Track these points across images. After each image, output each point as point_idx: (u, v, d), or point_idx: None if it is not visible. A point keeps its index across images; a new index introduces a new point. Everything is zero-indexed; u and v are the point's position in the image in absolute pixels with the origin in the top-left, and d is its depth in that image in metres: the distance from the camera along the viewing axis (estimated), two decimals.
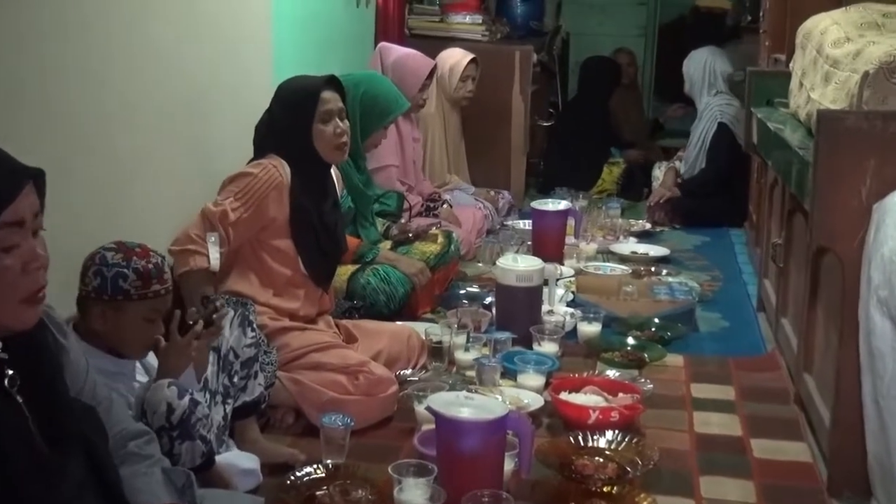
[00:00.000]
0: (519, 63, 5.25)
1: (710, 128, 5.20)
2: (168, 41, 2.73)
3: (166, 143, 2.76)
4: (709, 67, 5.30)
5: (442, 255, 3.65)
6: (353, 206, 3.54)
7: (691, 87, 5.38)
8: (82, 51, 2.31)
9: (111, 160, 2.47)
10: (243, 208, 2.64)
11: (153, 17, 2.64)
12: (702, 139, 5.26)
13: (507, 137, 5.31)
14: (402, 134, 4.28)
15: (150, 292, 2.04)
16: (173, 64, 2.76)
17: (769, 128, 3.24)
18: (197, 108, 2.94)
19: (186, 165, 2.89)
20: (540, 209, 4.20)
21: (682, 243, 4.79)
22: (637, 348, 3.18)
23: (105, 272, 2.02)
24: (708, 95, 5.30)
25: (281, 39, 3.56)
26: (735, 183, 5.05)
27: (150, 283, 2.04)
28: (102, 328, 2.02)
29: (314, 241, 2.75)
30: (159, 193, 2.72)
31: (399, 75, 4.10)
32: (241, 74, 3.25)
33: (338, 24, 4.28)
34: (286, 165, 2.70)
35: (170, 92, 2.76)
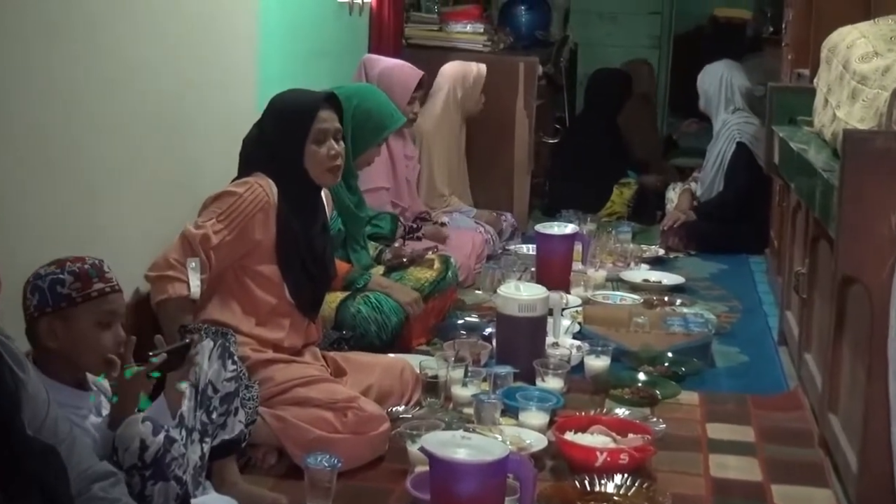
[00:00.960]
0: (523, 75, 5.27)
1: (728, 148, 5.22)
2: (144, 48, 2.73)
3: (141, 160, 2.76)
4: (726, 82, 5.32)
5: (438, 281, 3.65)
6: (344, 229, 3.55)
7: (707, 104, 5.40)
8: (46, 57, 2.30)
9: (78, 179, 2.47)
10: (227, 231, 2.64)
11: (127, 22, 2.64)
12: (719, 159, 5.27)
13: (509, 155, 5.32)
14: (394, 152, 4.30)
15: (94, 291, 2.03)
16: (149, 73, 2.77)
17: (792, 148, 3.25)
18: (175, 121, 2.95)
19: (164, 184, 2.90)
20: (545, 233, 4.20)
21: (698, 271, 4.79)
22: (649, 385, 3.18)
23: (41, 284, 2.02)
24: (725, 112, 5.31)
25: (267, 49, 3.58)
26: (755, 207, 5.06)
27: (90, 283, 2.03)
28: (56, 345, 2.02)
29: (301, 267, 2.75)
30: (133, 215, 2.72)
31: (386, 88, 4.12)
32: (223, 86, 3.26)
33: (329, 33, 4.30)
34: (273, 185, 2.70)
35: (145, 104, 2.76)
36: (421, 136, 4.71)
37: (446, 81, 4.86)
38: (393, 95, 4.04)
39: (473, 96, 4.90)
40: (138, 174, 2.75)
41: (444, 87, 4.85)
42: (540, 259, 4.19)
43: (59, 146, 2.38)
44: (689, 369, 3.38)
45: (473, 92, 4.90)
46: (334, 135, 2.76)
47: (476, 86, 4.89)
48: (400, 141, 4.38)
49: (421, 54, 5.04)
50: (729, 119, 5.29)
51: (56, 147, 2.37)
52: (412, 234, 4.16)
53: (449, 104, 4.84)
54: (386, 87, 4.12)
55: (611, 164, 5.90)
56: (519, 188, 5.38)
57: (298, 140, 2.71)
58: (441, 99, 4.83)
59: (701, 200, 5.36)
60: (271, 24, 3.62)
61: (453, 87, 4.86)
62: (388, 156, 4.26)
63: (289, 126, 2.71)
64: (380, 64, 4.32)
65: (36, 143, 2.29)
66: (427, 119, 4.71)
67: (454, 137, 4.94)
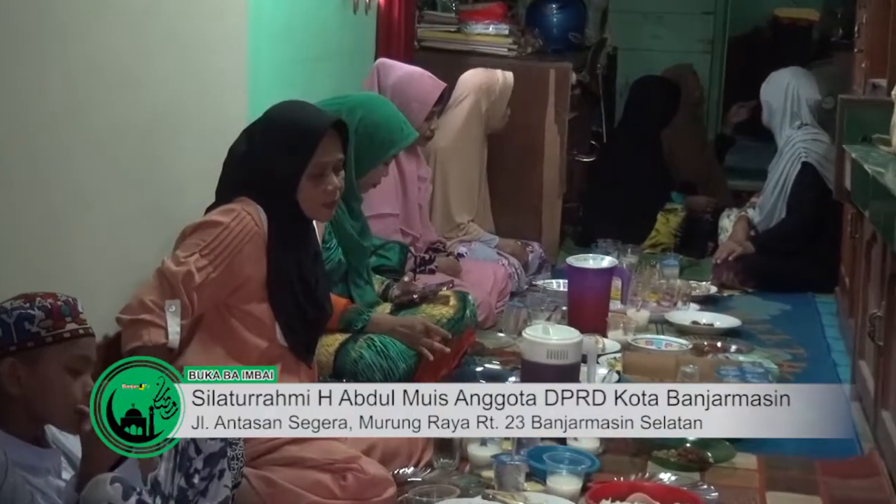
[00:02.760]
0: (554, 84, 5.29)
1: (793, 169, 5.20)
2: (118, 57, 2.75)
3: (113, 183, 2.78)
4: (792, 93, 5.30)
5: (455, 321, 3.64)
6: (345, 260, 3.55)
7: (770, 118, 5.40)
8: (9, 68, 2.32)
9: (41, 203, 2.48)
10: (211, 267, 2.65)
11: (102, 29, 2.66)
12: (782, 182, 5.26)
13: (538, 176, 5.33)
14: (405, 173, 4.31)
15: (67, 332, 2.04)
16: (124, 85, 2.79)
17: (866, 170, 3.24)
18: (153, 138, 2.96)
19: (140, 210, 2.91)
20: (578, 267, 4.19)
21: (757, 312, 4.77)
22: (698, 445, 3.16)
23: (6, 319, 2.03)
24: (790, 128, 5.30)
25: (258, 53, 3.60)
26: (823, 238, 5.04)
27: (63, 321, 2.04)
28: (18, 391, 2.02)
29: (295, 305, 2.76)
30: (104, 246, 2.74)
31: (402, 100, 4.14)
32: (208, 98, 3.28)
33: (329, 34, 4.33)
34: (262, 212, 2.72)
35: (118, 119, 2.78)
36: (436, 154, 4.73)
37: (468, 92, 4.88)
38: (409, 109, 4.06)
39: (499, 110, 4.92)
40: (111, 198, 2.77)
41: (466, 98, 4.87)
42: (572, 297, 4.18)
43: (21, 166, 2.39)
44: None
45: (499, 105, 4.91)
46: (335, 166, 2.78)
47: (503, 97, 4.91)
48: (412, 160, 4.39)
49: (435, 59, 5.07)
50: (794, 136, 5.26)
51: (17, 167, 2.38)
52: (424, 267, 4.17)
53: (471, 119, 4.86)
54: (402, 99, 4.14)
55: (655, 187, 5.90)
56: (548, 214, 5.39)
57: (294, 172, 2.72)
58: (462, 112, 4.85)
59: (760, 230, 5.34)
60: (263, 25, 3.64)
61: (476, 100, 4.87)
62: (398, 177, 4.27)
63: (285, 153, 2.72)
64: (396, 71, 4.33)
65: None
66: (444, 135, 4.72)
67: (475, 157, 4.95)
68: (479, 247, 4.72)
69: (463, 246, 4.67)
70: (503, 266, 4.63)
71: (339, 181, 2.78)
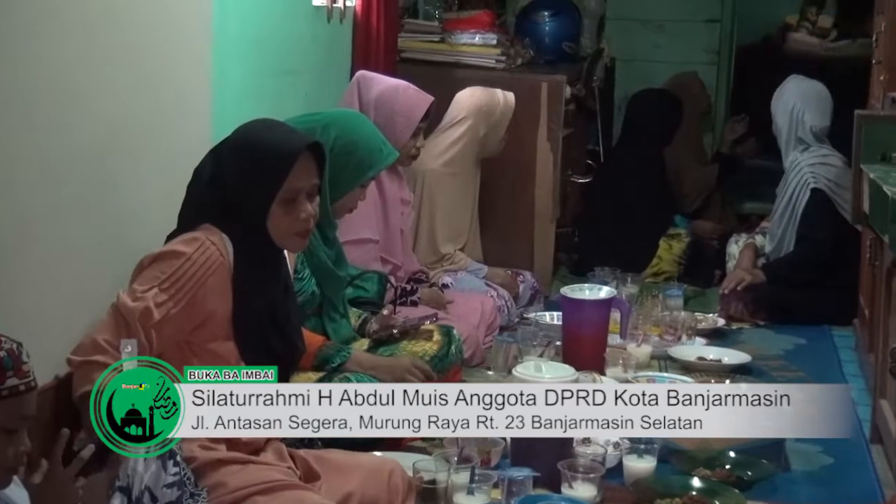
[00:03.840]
0: (546, 98, 5.31)
1: (802, 195, 5.19)
2: (67, 64, 2.74)
3: (62, 208, 2.76)
4: (796, 115, 5.25)
5: (439, 358, 3.64)
6: (319, 291, 3.55)
7: (777, 135, 5.41)
8: None
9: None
10: (172, 302, 2.64)
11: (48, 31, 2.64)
12: (791, 209, 5.25)
13: (529, 199, 5.35)
14: (386, 195, 4.31)
15: (5, 389, 2.01)
16: (73, 96, 2.77)
17: (885, 193, 3.25)
18: (106, 158, 2.94)
19: (90, 239, 2.89)
20: (574, 298, 4.20)
21: (768, 347, 4.78)
22: (705, 493, 3.16)
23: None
24: (795, 151, 5.30)
25: (223, 66, 3.60)
26: (839, 265, 5.06)
27: (2, 377, 2.01)
28: None
29: (263, 343, 2.75)
30: (52, 280, 2.71)
31: (386, 115, 4.15)
32: (167, 113, 3.27)
33: (302, 44, 4.34)
34: (227, 241, 2.71)
35: (67, 135, 2.76)
36: (423, 178, 4.73)
37: (465, 113, 4.89)
38: (394, 125, 4.09)
39: (497, 135, 4.93)
40: (60, 225, 2.75)
41: (462, 120, 4.88)
42: (567, 331, 4.18)
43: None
44: (756, 474, 3.36)
45: (498, 129, 4.93)
46: (309, 192, 2.77)
47: (502, 122, 4.92)
48: (394, 180, 4.39)
49: (418, 71, 5.09)
50: (799, 159, 5.26)
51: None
52: (405, 299, 4.16)
53: (465, 142, 4.87)
54: (386, 114, 4.17)
55: (657, 211, 5.92)
56: (541, 240, 5.39)
57: (264, 197, 2.72)
58: (455, 134, 4.87)
59: (770, 257, 5.35)
60: (229, 35, 3.64)
61: (474, 123, 4.88)
62: (379, 199, 4.26)
63: (254, 177, 2.71)
64: (378, 84, 4.34)
65: None
66: (432, 157, 4.73)
67: (466, 183, 4.95)
68: (465, 277, 4.72)
69: (448, 276, 4.67)
70: (492, 297, 4.63)
71: (313, 208, 2.78)
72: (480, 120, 4.89)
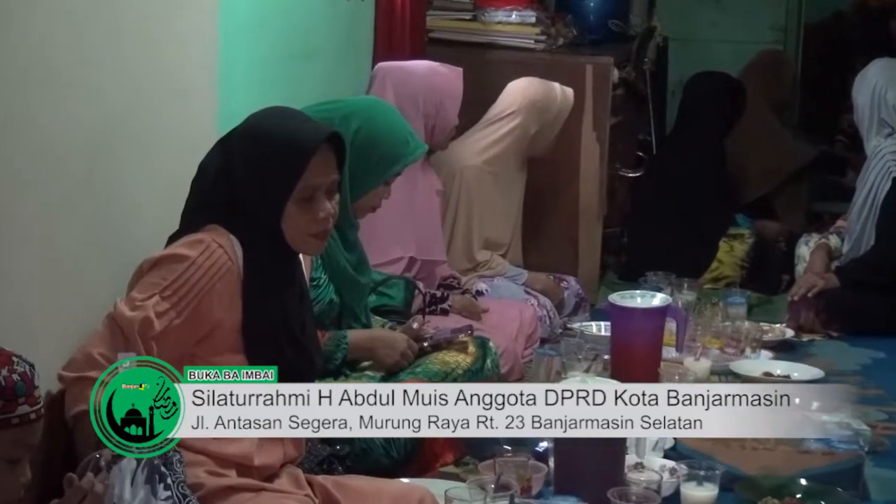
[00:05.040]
0: (592, 83, 5.31)
1: (882, 185, 5.19)
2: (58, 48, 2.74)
3: (49, 205, 2.77)
4: (878, 96, 5.29)
5: (473, 373, 3.64)
6: (338, 300, 3.55)
7: (858, 122, 5.40)
8: None
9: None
10: (174, 311, 2.64)
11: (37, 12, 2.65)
12: (871, 201, 5.25)
13: (573, 196, 5.36)
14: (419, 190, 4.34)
15: (15, 417, 2.03)
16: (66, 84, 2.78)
17: None
18: (102, 151, 2.96)
19: (84, 241, 2.90)
20: (623, 306, 4.18)
21: (844, 361, 4.76)
22: None
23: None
24: (878, 136, 5.29)
25: (231, 49, 3.61)
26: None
27: (14, 403, 2.03)
28: None
29: (277, 355, 2.75)
30: (42, 287, 2.72)
31: (436, 103, 4.24)
32: (169, 102, 3.28)
33: (318, 25, 4.34)
34: (236, 243, 2.72)
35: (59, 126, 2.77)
36: (461, 176, 4.72)
37: (517, 108, 4.90)
38: (445, 110, 4.20)
39: (550, 135, 4.94)
40: (48, 225, 2.76)
41: (512, 115, 4.88)
42: (617, 343, 4.17)
43: None
44: (831, 503, 3.34)
45: (552, 129, 4.94)
46: (328, 189, 2.78)
47: (558, 121, 4.94)
48: (427, 172, 4.41)
49: (448, 54, 5.08)
50: (882, 145, 5.27)
51: None
52: (435, 307, 4.16)
53: (513, 139, 4.88)
54: (436, 101, 4.29)
55: (717, 208, 5.91)
56: (586, 242, 5.39)
57: (279, 195, 2.72)
58: (502, 130, 4.87)
59: (845, 260, 5.33)
60: (236, 15, 3.65)
61: (525, 120, 4.88)
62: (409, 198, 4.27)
63: (267, 172, 2.72)
64: (412, 73, 4.40)
65: None
66: (473, 153, 4.73)
67: (510, 186, 4.96)
68: (502, 283, 4.72)
69: (483, 282, 4.67)
70: (532, 306, 4.64)
71: (332, 207, 2.78)
72: (533, 116, 4.89)
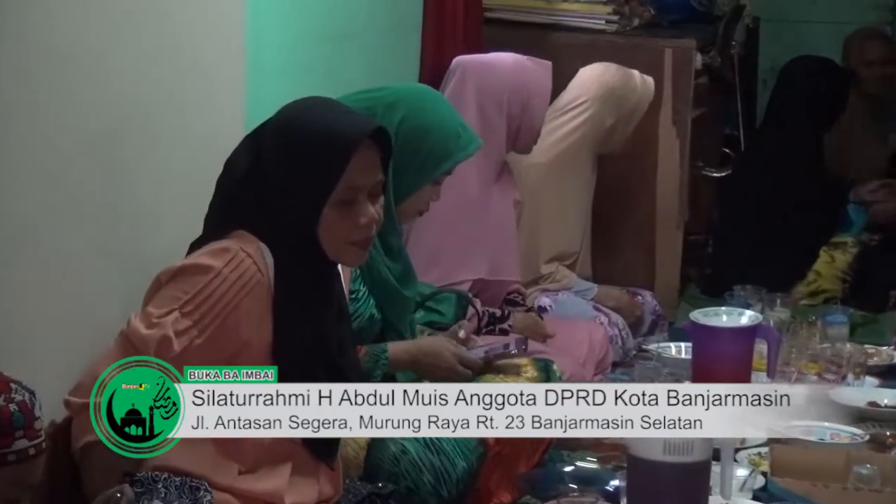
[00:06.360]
0: (671, 70, 5.31)
1: None
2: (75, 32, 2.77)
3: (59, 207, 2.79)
4: None
5: None
6: (380, 315, 3.56)
7: None
8: None
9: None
10: (196, 330, 2.66)
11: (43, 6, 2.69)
12: None
13: (649, 199, 5.37)
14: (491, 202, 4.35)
15: (12, 453, 2.05)
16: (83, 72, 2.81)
17: None
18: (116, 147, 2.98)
19: (96, 249, 2.93)
20: (707, 325, 4.16)
21: None
22: None
23: None
24: None
25: (261, 30, 3.62)
26: None
27: (10, 437, 2.05)
28: None
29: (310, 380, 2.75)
30: (48, 300, 2.75)
31: (523, 102, 4.30)
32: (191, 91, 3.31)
33: (358, 2, 4.35)
34: (267, 252, 2.73)
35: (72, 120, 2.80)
36: (526, 175, 4.73)
37: (590, 97, 4.91)
38: (532, 110, 4.27)
39: (626, 129, 4.95)
40: (56, 230, 2.78)
41: (585, 104, 4.90)
42: (699, 367, 4.14)
43: None
44: None
45: (629, 122, 4.96)
46: (371, 191, 2.78)
47: (636, 114, 4.96)
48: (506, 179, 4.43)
49: (508, 36, 5.09)
50: None
51: None
52: (493, 327, 4.16)
53: (585, 132, 4.89)
54: (523, 100, 4.34)
55: (815, 212, 5.88)
56: (664, 252, 5.39)
57: (316, 198, 2.73)
58: (574, 122, 4.89)
59: None
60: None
61: (599, 111, 4.90)
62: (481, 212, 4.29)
63: (303, 172, 2.73)
64: (495, 68, 4.45)
65: None
66: (538, 150, 4.70)
67: (581, 186, 4.98)
68: (569, 298, 4.72)
69: (547, 296, 4.66)
70: (602, 325, 4.64)
71: (376, 211, 2.79)
72: (609, 108, 4.90)
